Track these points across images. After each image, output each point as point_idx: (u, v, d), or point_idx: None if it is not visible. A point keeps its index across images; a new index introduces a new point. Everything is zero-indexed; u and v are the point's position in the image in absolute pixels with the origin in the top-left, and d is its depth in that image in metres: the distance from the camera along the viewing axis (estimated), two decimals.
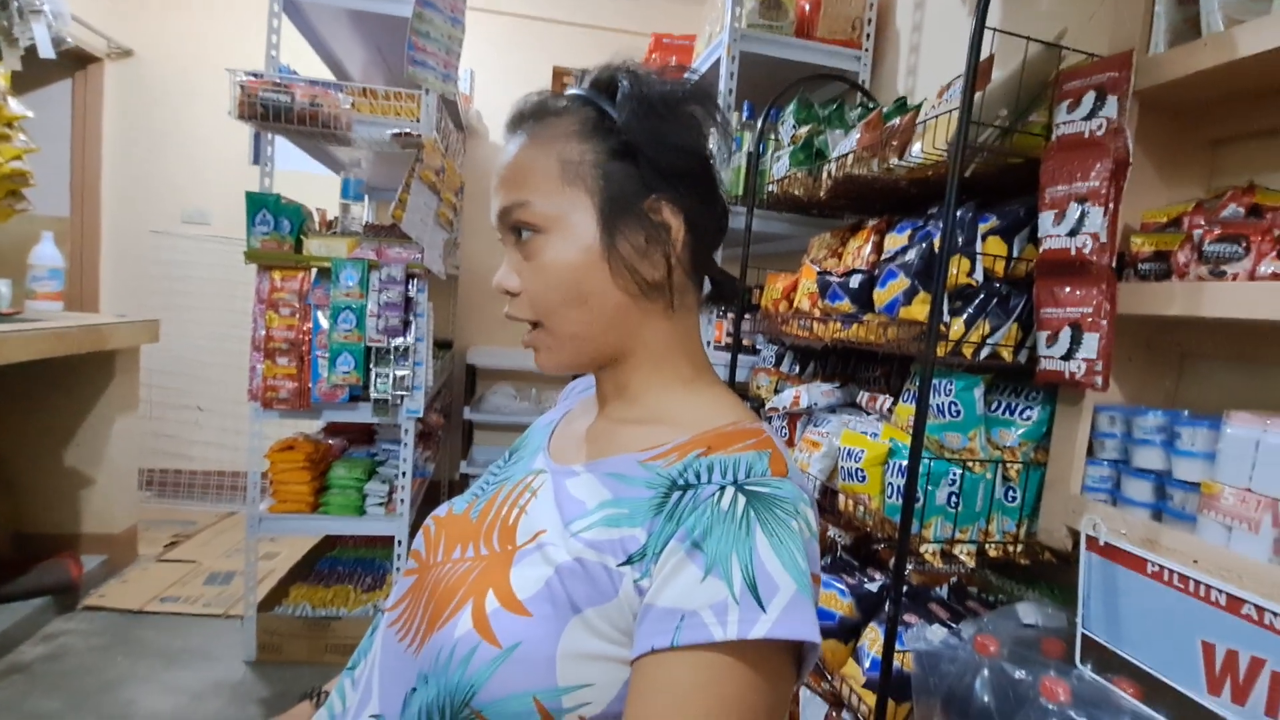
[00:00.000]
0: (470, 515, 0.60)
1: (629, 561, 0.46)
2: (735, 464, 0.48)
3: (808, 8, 1.92)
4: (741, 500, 0.45)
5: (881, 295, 1.17)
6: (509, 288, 0.56)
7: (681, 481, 0.48)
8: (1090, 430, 1.04)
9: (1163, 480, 0.94)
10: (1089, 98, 0.98)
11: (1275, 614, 0.74)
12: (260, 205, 1.78)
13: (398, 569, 2.05)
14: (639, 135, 0.54)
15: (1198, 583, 0.82)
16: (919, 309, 1.10)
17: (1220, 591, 0.79)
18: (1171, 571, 0.86)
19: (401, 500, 2.03)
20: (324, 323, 1.82)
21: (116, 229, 3.20)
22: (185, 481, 3.26)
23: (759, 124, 1.71)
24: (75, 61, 3.01)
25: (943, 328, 1.06)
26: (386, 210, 3.11)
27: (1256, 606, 0.76)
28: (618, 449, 0.55)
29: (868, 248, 1.44)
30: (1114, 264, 0.96)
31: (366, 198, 2.85)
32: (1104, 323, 0.96)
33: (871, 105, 1.67)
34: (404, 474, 2.02)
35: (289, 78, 1.77)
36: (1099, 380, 0.97)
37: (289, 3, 1.95)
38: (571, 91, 0.58)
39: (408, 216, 1.73)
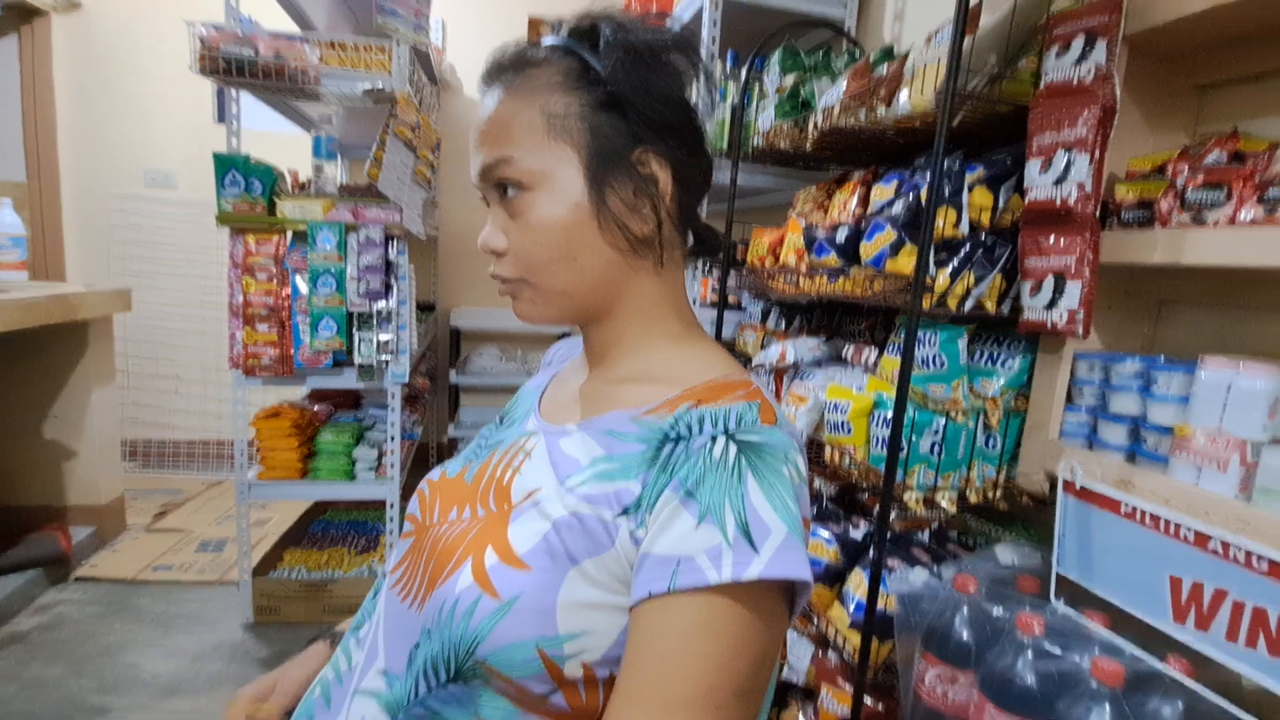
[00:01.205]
0: (465, 478, 0.61)
1: (624, 513, 0.47)
2: (726, 414, 0.48)
3: None
4: (733, 449, 0.46)
5: (868, 248, 1.17)
6: (495, 247, 0.55)
7: (673, 434, 0.49)
8: (1069, 377, 1.07)
9: (1138, 424, 0.97)
10: (1078, 42, 0.96)
11: (1239, 548, 0.78)
12: (229, 166, 1.72)
13: (391, 531, 2.08)
14: (625, 86, 0.53)
15: (1168, 521, 0.85)
16: (905, 261, 1.10)
17: (1189, 529, 0.83)
18: (1144, 512, 0.90)
19: (391, 464, 2.03)
20: (303, 287, 1.78)
21: (77, 194, 3.08)
22: (169, 451, 3.23)
23: (744, 74, 1.67)
24: (19, 15, 2.84)
25: (928, 280, 1.07)
26: (361, 169, 3.02)
27: (1223, 542, 0.79)
28: (610, 407, 0.56)
29: (853, 200, 1.43)
30: (1098, 212, 0.96)
31: (340, 156, 2.76)
32: (1087, 272, 0.97)
33: (858, 54, 1.63)
34: (392, 438, 2.02)
35: (251, 30, 1.69)
36: (1080, 329, 0.98)
37: None
38: (550, 41, 0.56)
39: (384, 175, 1.68)
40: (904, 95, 1.23)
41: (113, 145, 3.07)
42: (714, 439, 0.46)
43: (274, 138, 2.72)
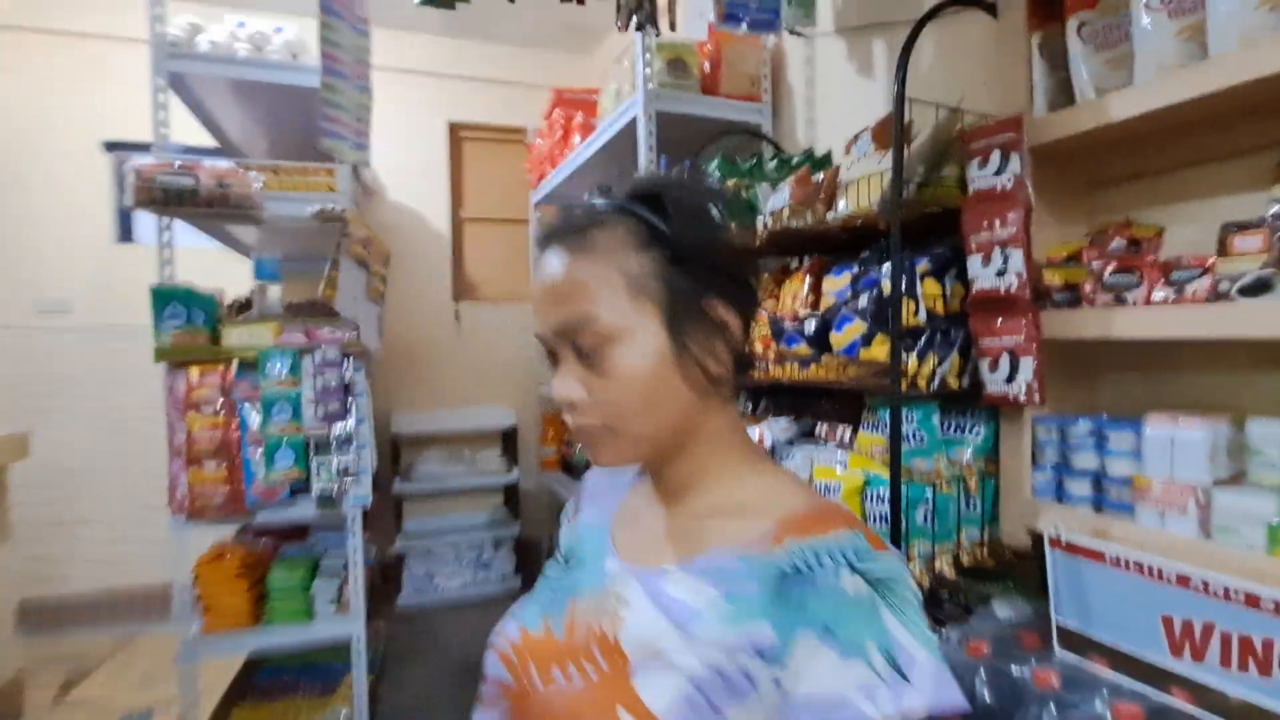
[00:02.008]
0: (553, 633, 0.60)
1: (761, 656, 0.48)
2: (839, 547, 0.51)
3: (708, 66, 2.06)
4: (861, 582, 0.48)
5: (839, 338, 1.28)
6: (576, 400, 0.57)
7: (790, 569, 0.51)
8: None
9: (1099, 477, 1.10)
10: (995, 156, 1.13)
11: (1215, 584, 0.89)
12: (169, 299, 1.63)
13: (357, 670, 1.91)
14: (690, 243, 0.57)
15: (1150, 566, 0.96)
16: (879, 350, 1.21)
17: (1171, 571, 0.93)
18: (1127, 559, 1.00)
19: (355, 595, 1.89)
20: (254, 418, 1.68)
21: None
22: (70, 607, 2.83)
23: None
24: None
25: (900, 366, 1.17)
26: (298, 287, 2.92)
27: (1203, 581, 0.90)
28: (706, 543, 0.57)
29: (804, 290, 1.56)
30: (1033, 296, 1.11)
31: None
32: (1035, 348, 1.11)
33: (784, 157, 1.81)
34: (355, 564, 1.90)
35: (190, 158, 1.65)
36: (1038, 398, 1.11)
37: (174, 76, 1.82)
38: (613, 204, 0.60)
39: (340, 295, 1.66)
40: (843, 202, 1.38)
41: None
42: (839, 573, 0.49)
43: (194, 253, 2.60)
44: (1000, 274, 1.12)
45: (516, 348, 3.52)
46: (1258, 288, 0.86)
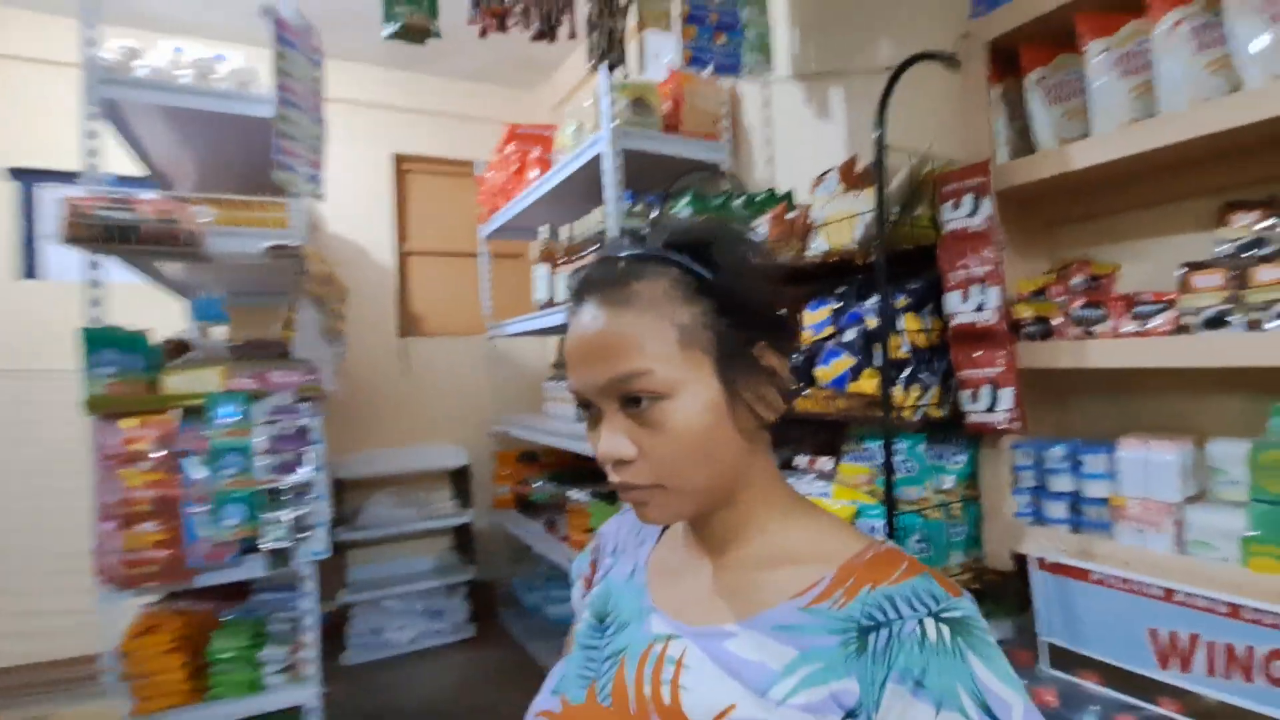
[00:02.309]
0: (600, 701, 0.56)
1: (851, 715, 0.47)
2: (914, 594, 0.51)
3: (670, 106, 2.10)
4: (945, 630, 0.48)
5: (826, 372, 1.31)
6: (626, 456, 0.54)
7: (867, 621, 0.50)
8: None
9: (1076, 499, 1.16)
10: (968, 199, 1.21)
11: (1197, 596, 0.95)
12: (103, 343, 1.48)
13: None
14: (740, 293, 0.56)
15: (1135, 582, 1.01)
16: (867, 382, 1.24)
17: (1155, 586, 0.99)
18: (1112, 577, 1.06)
19: (308, 660, 1.75)
20: (199, 471, 1.54)
21: None
22: None
23: (653, 215, 1.82)
24: None
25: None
26: (245, 324, 2.72)
27: (1186, 594, 0.96)
28: (766, 597, 0.55)
29: None
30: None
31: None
32: (1013, 378, 1.17)
33: (750, 194, 1.86)
34: (307, 628, 1.75)
35: (129, 191, 1.52)
36: (1019, 425, 1.17)
37: (107, 102, 1.68)
38: (651, 253, 0.58)
39: (298, 337, 1.56)
40: (818, 238, 1.43)
41: None
42: (920, 622, 0.48)
43: (116, 289, 2.39)
44: (978, 309, 1.18)
45: (466, 383, 3.41)
46: (1217, 321, 0.95)
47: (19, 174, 2.67)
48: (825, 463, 1.49)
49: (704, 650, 0.54)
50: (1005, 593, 1.29)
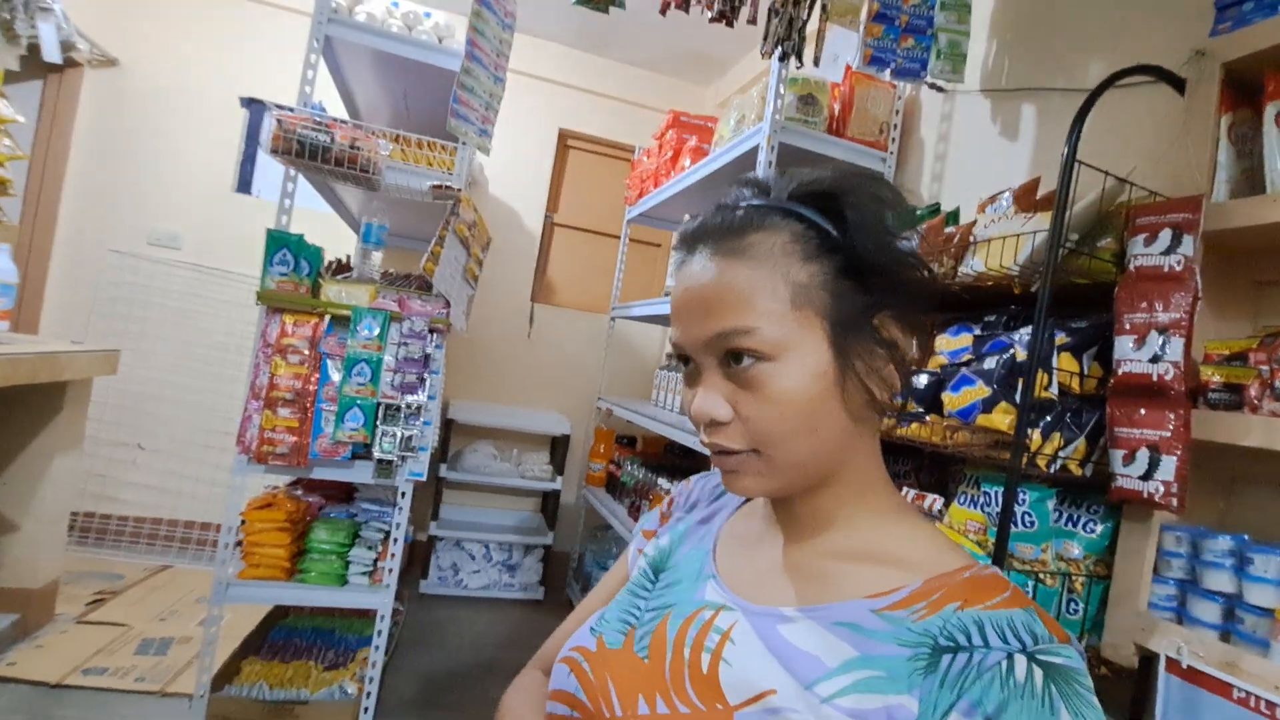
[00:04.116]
0: (636, 651, 0.53)
1: None
2: (1010, 625, 0.44)
3: (838, 108, 2.03)
4: (1039, 673, 0.41)
5: (955, 399, 1.20)
6: (721, 418, 0.51)
7: (946, 641, 0.44)
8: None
9: (1233, 603, 0.97)
10: (1165, 234, 1.05)
11: None
12: (281, 244, 1.68)
13: (377, 648, 1.87)
14: (870, 254, 0.51)
15: None
16: (999, 418, 1.12)
17: None
18: (1260, 698, 0.88)
19: (390, 570, 1.87)
20: (334, 374, 1.70)
21: (71, 244, 2.95)
22: (113, 528, 2.91)
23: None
24: (51, 64, 2.83)
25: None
26: (395, 259, 3.01)
27: None
28: (836, 591, 0.50)
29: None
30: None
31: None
32: (1180, 447, 1.00)
33: (910, 207, 1.75)
34: (395, 540, 1.87)
35: (327, 117, 1.71)
36: (1175, 502, 1.00)
37: (328, 40, 1.90)
38: (777, 204, 0.54)
39: (440, 270, 1.67)
40: (975, 258, 1.31)
41: (121, 201, 3.00)
42: (1010, 657, 0.42)
43: (305, 214, 2.70)
44: (1155, 360, 1.02)
45: (583, 358, 3.52)
46: None
47: (249, 103, 3.10)
48: (935, 502, 1.36)
49: (754, 628, 0.50)
50: (1119, 692, 1.11)
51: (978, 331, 1.29)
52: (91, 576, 2.63)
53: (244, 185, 3.12)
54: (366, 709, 1.87)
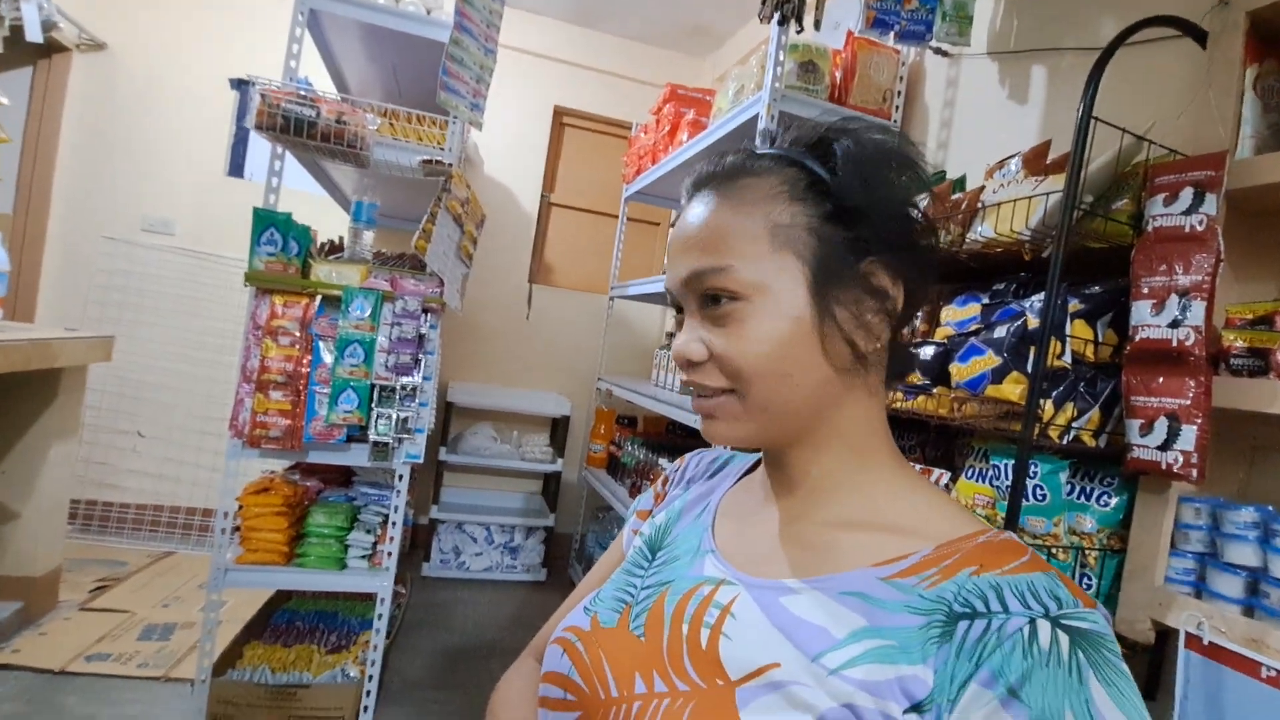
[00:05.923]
0: (632, 629, 0.51)
1: (916, 708, 0.39)
2: (1031, 589, 0.41)
3: (840, 75, 1.96)
4: (1064, 639, 0.38)
5: (963, 370, 1.15)
6: (694, 357, 0.50)
7: (962, 607, 0.41)
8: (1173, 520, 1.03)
9: (1257, 577, 0.94)
10: (1187, 193, 1.00)
11: None
12: (268, 223, 1.64)
13: (378, 630, 1.86)
14: (856, 198, 0.48)
15: None
16: (1010, 388, 1.08)
17: None
18: None
19: (389, 553, 1.85)
20: (326, 356, 1.67)
21: (64, 232, 2.92)
22: (115, 515, 2.91)
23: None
24: (39, 49, 2.78)
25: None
26: (387, 238, 2.97)
27: None
28: (840, 560, 0.48)
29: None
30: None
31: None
32: (1201, 416, 0.96)
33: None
34: (394, 523, 1.85)
35: (313, 91, 1.66)
36: (1194, 473, 0.96)
37: (314, 14, 1.84)
38: (772, 150, 0.53)
39: (431, 248, 1.63)
40: (983, 225, 1.26)
41: (114, 187, 2.95)
42: (1032, 622, 0.39)
43: (296, 195, 2.66)
44: (1174, 325, 0.98)
45: (581, 339, 3.48)
46: None
47: (239, 84, 3.04)
48: (942, 477, 1.32)
49: (757, 601, 0.48)
50: (1133, 668, 1.08)
51: (986, 300, 1.24)
52: (95, 564, 2.63)
53: (236, 169, 3.08)
54: (369, 691, 1.86)
